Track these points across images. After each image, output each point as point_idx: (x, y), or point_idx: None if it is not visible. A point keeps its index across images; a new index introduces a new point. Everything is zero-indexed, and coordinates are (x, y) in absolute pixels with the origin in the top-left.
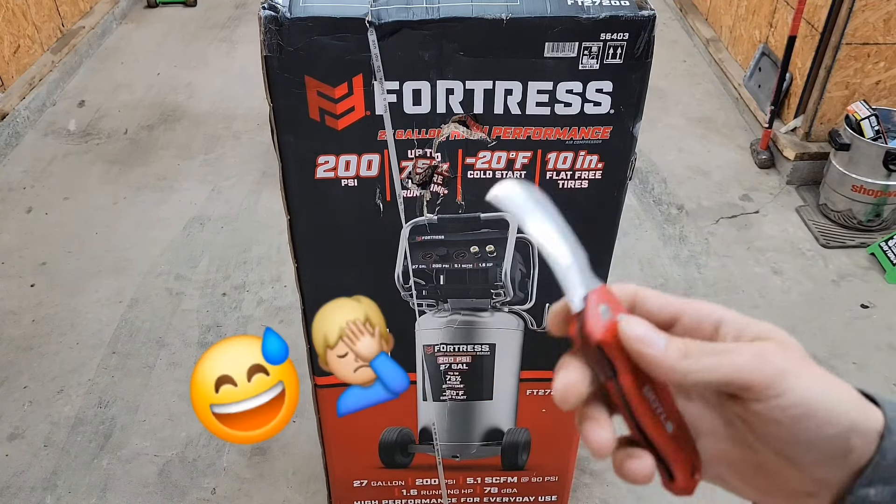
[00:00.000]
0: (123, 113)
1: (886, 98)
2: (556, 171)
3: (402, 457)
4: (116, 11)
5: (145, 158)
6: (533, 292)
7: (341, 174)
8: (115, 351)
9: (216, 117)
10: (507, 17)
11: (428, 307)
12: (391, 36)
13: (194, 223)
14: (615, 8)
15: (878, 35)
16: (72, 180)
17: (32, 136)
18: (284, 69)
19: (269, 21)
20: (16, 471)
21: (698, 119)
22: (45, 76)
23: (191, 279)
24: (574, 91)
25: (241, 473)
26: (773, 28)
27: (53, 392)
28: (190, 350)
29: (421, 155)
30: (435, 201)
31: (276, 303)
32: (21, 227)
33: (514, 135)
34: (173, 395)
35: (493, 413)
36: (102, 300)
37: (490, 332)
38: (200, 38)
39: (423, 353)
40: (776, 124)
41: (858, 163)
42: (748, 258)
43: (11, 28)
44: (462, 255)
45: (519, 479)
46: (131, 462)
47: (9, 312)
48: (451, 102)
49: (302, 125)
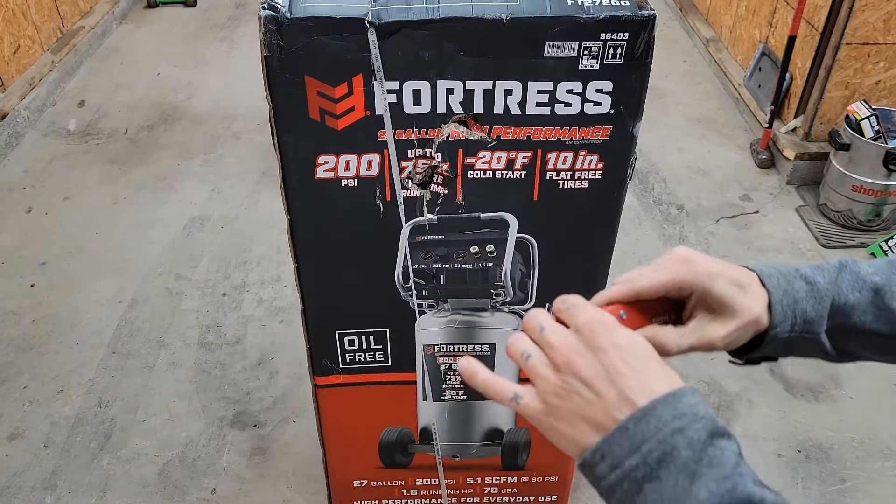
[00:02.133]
0: (123, 113)
1: (886, 98)
2: (556, 171)
3: (402, 457)
4: (116, 11)
5: (145, 158)
6: (533, 292)
7: (341, 174)
8: (115, 351)
9: (216, 117)
10: (507, 17)
11: (428, 307)
12: (391, 36)
13: (194, 223)
14: (615, 8)
15: (878, 35)
16: (72, 180)
17: (32, 136)
18: (284, 69)
19: (269, 21)
20: (16, 471)
21: (698, 119)
22: (45, 76)
23: (191, 279)
24: (574, 91)
25: (241, 473)
26: (773, 28)
27: (53, 392)
28: (190, 350)
29: (421, 155)
30: (435, 201)
31: (276, 303)
32: (21, 227)
33: (514, 135)
34: (173, 395)
35: (493, 413)
36: (102, 300)
37: (490, 332)
38: (200, 38)
39: (423, 353)
40: (776, 124)
41: (858, 163)
42: (748, 258)
43: (11, 28)
44: (462, 255)
45: (519, 479)
46: (131, 462)
47: (9, 312)
48: (451, 102)
49: (302, 125)
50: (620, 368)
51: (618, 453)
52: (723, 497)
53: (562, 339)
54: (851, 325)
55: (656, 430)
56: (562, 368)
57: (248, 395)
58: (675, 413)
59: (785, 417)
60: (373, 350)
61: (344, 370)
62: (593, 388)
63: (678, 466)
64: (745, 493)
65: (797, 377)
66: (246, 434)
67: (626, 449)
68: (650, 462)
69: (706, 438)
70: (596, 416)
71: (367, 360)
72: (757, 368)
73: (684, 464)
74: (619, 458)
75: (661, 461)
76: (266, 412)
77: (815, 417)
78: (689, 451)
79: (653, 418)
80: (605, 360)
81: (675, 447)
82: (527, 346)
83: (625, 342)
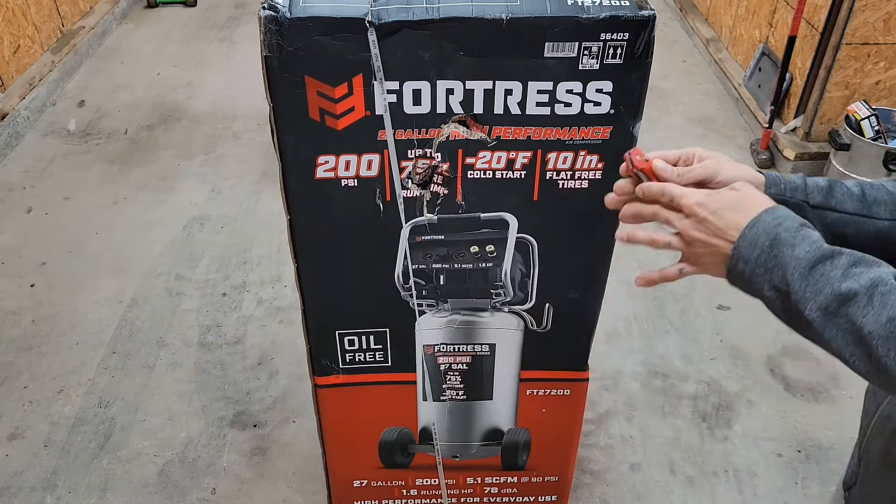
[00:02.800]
0: (123, 113)
1: (886, 98)
2: (556, 171)
3: (402, 457)
4: (116, 11)
5: (145, 158)
6: (533, 292)
7: (341, 174)
8: (115, 351)
9: (216, 117)
10: (507, 17)
11: (428, 307)
12: (391, 36)
13: (194, 223)
14: (615, 8)
15: (878, 35)
16: (72, 180)
17: (32, 136)
18: (284, 69)
19: (269, 21)
20: (16, 471)
21: (698, 119)
22: (45, 76)
23: (191, 279)
24: (574, 91)
25: (241, 473)
26: (773, 28)
27: (53, 392)
28: (190, 350)
29: (421, 155)
30: (435, 201)
31: (276, 303)
32: (21, 227)
33: (514, 135)
34: (173, 395)
35: (493, 413)
36: (102, 300)
37: (490, 332)
38: (200, 38)
39: (423, 353)
40: (776, 124)
41: (858, 163)
42: None
43: (11, 28)
44: (462, 255)
45: (519, 479)
46: (131, 462)
47: (9, 312)
48: (451, 102)
49: (302, 125)
50: (719, 224)
51: (744, 251)
52: (813, 253)
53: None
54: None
55: (764, 229)
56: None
57: (248, 395)
58: (772, 217)
59: (785, 417)
60: (373, 350)
61: (344, 370)
62: (712, 241)
63: (783, 242)
64: (828, 248)
65: (797, 377)
66: (246, 434)
67: (747, 247)
68: (764, 248)
69: (797, 226)
70: (724, 246)
71: (367, 360)
72: (757, 369)
73: (786, 240)
74: (747, 254)
75: (773, 244)
76: (266, 412)
77: (815, 417)
78: (787, 234)
79: (759, 223)
80: (710, 226)
81: (777, 234)
82: (668, 214)
83: (716, 207)
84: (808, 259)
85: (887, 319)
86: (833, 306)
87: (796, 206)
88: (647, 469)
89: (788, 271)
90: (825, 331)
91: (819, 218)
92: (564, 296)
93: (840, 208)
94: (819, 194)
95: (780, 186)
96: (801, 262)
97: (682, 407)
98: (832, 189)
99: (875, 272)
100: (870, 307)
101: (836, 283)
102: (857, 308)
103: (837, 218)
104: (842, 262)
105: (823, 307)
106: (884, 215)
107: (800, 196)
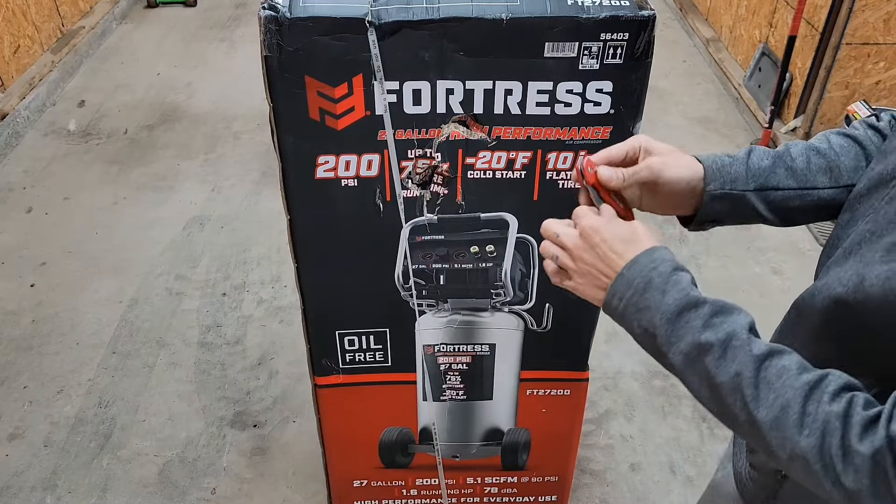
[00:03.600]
0: (123, 113)
1: (886, 98)
2: (556, 171)
3: (402, 457)
4: (116, 11)
5: (145, 158)
6: (533, 292)
7: (341, 174)
8: (115, 351)
9: (216, 117)
10: (507, 17)
11: (428, 307)
12: (391, 36)
13: (194, 223)
14: (615, 8)
15: (878, 35)
16: (72, 180)
17: (32, 136)
18: (284, 69)
19: (269, 21)
20: (16, 471)
21: (698, 119)
22: (45, 76)
23: (191, 279)
24: (574, 91)
25: (241, 473)
26: (773, 28)
27: (53, 392)
28: (190, 350)
29: (421, 155)
30: (435, 201)
31: (276, 303)
32: (21, 227)
33: (514, 135)
34: (173, 395)
35: (493, 413)
36: (102, 300)
37: (490, 332)
38: (200, 38)
39: (423, 353)
40: (776, 124)
41: None
42: (748, 258)
43: (11, 28)
44: (462, 255)
45: (519, 479)
46: (131, 462)
47: (9, 312)
48: (451, 102)
49: (302, 125)
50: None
51: (621, 288)
52: (680, 301)
53: (572, 242)
54: (771, 186)
55: (639, 271)
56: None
57: (248, 395)
58: (649, 259)
59: None
60: (373, 350)
61: (344, 370)
62: (597, 268)
63: (654, 287)
64: (693, 297)
65: None
66: (246, 434)
67: (623, 286)
68: (638, 289)
69: (671, 271)
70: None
71: (367, 360)
72: None
73: (658, 286)
74: (622, 292)
75: (645, 287)
76: (266, 412)
77: None
78: (660, 279)
79: (636, 264)
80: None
81: (651, 278)
82: (553, 249)
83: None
84: (675, 306)
85: (735, 373)
86: (693, 354)
87: (739, 196)
88: (647, 469)
89: (657, 316)
90: (685, 374)
91: (763, 198)
92: (564, 296)
93: (782, 186)
94: (761, 177)
95: (720, 181)
96: (668, 309)
97: (682, 407)
98: (775, 168)
99: (731, 325)
100: (722, 360)
101: (697, 332)
102: (712, 359)
103: (780, 195)
104: (704, 312)
105: (684, 353)
106: (826, 184)
107: (740, 186)
